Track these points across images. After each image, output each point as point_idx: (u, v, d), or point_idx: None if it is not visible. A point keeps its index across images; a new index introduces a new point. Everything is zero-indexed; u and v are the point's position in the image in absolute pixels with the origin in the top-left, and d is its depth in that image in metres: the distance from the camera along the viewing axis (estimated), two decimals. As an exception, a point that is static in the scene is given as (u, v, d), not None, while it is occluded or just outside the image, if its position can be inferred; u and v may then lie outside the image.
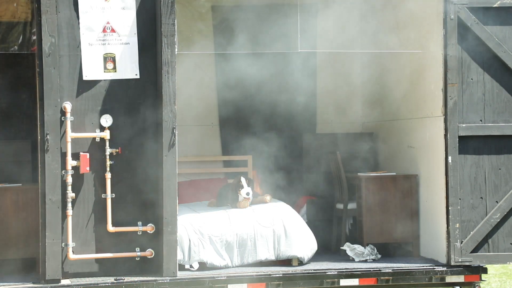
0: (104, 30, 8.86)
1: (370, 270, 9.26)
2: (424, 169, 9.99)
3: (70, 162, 8.72)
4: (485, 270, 9.40)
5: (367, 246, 9.96)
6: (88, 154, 8.79)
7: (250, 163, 11.54)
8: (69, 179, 8.71)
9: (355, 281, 9.19)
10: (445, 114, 9.32)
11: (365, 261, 9.76)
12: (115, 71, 8.89)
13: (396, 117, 10.84)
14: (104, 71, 8.87)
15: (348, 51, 11.22)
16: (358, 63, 11.88)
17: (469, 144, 9.36)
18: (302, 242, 9.52)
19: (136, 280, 8.72)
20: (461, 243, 9.30)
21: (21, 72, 9.94)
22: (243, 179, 9.88)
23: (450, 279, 9.35)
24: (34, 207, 9.00)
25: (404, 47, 10.27)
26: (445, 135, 9.33)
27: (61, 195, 8.68)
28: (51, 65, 8.64)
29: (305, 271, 9.17)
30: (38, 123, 8.68)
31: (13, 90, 9.96)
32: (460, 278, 9.34)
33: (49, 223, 8.63)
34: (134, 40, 8.91)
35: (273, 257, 9.47)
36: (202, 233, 9.31)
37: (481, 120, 9.37)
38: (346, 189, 10.44)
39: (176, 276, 8.82)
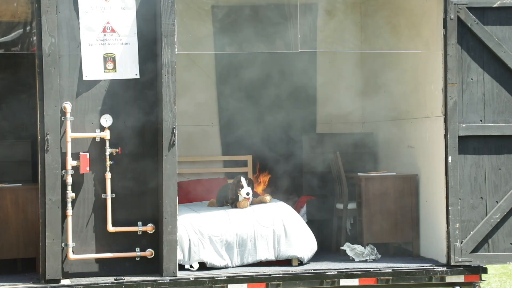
0: (104, 30, 8.86)
1: (370, 270, 9.26)
2: (424, 169, 9.98)
3: (70, 162, 8.72)
4: (485, 270, 9.40)
5: (367, 246, 9.95)
6: (88, 154, 8.79)
7: (250, 163, 11.54)
8: (69, 179, 8.71)
9: (355, 281, 9.19)
10: (445, 114, 9.32)
11: (365, 261, 9.76)
12: (115, 71, 8.89)
13: (396, 117, 10.84)
14: (104, 71, 8.87)
15: (348, 51, 11.21)
16: (358, 63, 11.87)
17: (469, 144, 9.35)
18: (302, 242, 9.52)
19: (136, 280, 8.72)
20: (461, 243, 9.30)
21: (21, 72, 9.93)
22: (243, 179, 9.87)
23: (450, 279, 9.35)
24: (34, 207, 9.00)
25: (404, 47, 10.27)
26: (445, 135, 9.32)
27: (61, 195, 8.68)
28: (51, 65, 8.64)
29: (305, 271, 9.17)
30: (38, 123, 8.68)
31: (13, 90, 9.95)
32: (460, 278, 9.34)
33: (49, 223, 8.63)
34: (134, 40, 8.91)
35: (273, 257, 9.47)
36: (202, 233, 9.31)
37: (481, 120, 9.37)
38: (346, 189, 10.44)
39: (176, 276, 8.82)
